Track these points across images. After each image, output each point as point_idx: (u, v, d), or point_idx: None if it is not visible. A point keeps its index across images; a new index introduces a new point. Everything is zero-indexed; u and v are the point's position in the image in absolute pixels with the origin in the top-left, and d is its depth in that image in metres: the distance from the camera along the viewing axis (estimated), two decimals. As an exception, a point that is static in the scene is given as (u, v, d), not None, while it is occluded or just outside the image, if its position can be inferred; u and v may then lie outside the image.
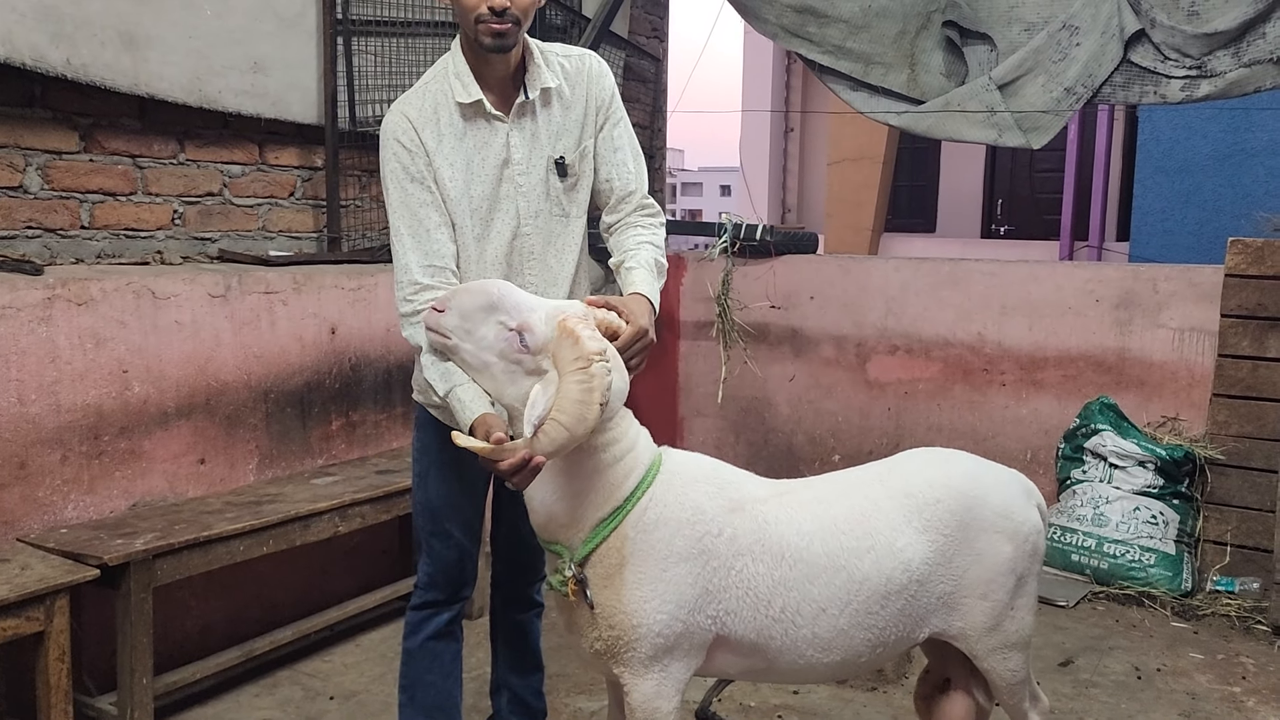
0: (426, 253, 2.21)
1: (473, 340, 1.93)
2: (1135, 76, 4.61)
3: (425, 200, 2.22)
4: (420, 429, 2.50)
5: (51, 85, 3.18)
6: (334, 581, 3.80)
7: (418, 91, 2.27)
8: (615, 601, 1.99)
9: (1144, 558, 4.23)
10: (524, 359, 1.92)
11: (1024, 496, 2.30)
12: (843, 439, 5.21)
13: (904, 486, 2.19)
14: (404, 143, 2.21)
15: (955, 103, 4.89)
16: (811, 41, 5.09)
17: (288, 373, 3.63)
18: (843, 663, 2.15)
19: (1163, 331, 4.49)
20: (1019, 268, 4.88)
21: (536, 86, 2.28)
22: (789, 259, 5.23)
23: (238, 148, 3.76)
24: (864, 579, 2.09)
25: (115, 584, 2.77)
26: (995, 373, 4.85)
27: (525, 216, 2.31)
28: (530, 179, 2.31)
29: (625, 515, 1.99)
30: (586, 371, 1.84)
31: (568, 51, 2.38)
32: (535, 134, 2.31)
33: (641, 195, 2.43)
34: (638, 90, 5.76)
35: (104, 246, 3.43)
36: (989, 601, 2.21)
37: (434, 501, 2.48)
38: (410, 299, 2.21)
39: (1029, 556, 2.26)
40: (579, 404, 1.84)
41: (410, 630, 2.56)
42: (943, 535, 2.16)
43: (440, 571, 2.51)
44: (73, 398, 3.01)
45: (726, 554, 2.03)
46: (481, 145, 2.27)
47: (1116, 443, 4.36)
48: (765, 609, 2.05)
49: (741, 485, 2.14)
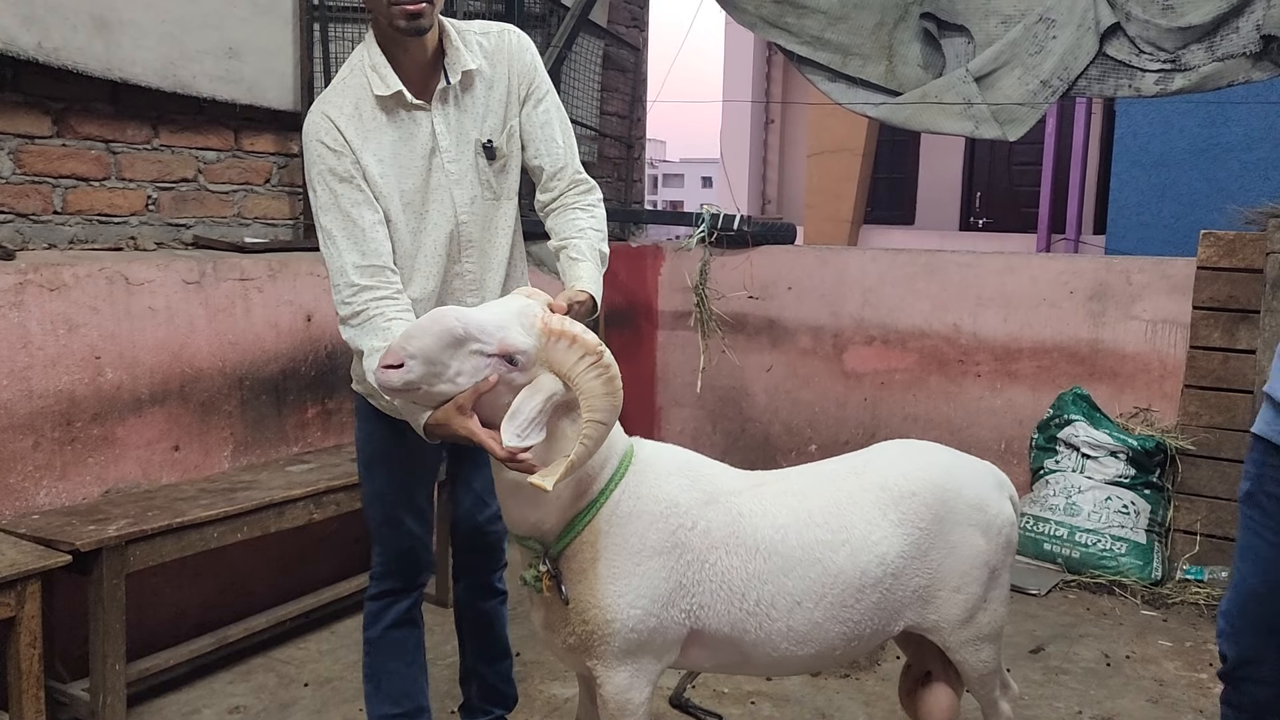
0: (364, 253, 2.13)
1: (446, 381, 1.83)
2: (1110, 70, 4.63)
3: (357, 199, 2.14)
4: (362, 420, 2.46)
5: (23, 69, 3.15)
6: (309, 569, 3.80)
7: (336, 88, 2.19)
8: (589, 596, 1.98)
9: (1115, 547, 4.27)
10: (515, 378, 1.84)
11: (997, 489, 2.32)
12: (819, 429, 5.24)
13: (879, 479, 2.19)
14: (328, 143, 2.13)
15: (933, 94, 4.90)
16: (789, 32, 5.09)
17: (263, 360, 3.62)
18: (817, 656, 2.15)
19: (1135, 323, 4.53)
20: (995, 259, 4.91)
21: (457, 70, 2.21)
22: (767, 249, 5.24)
23: (213, 133, 3.74)
24: (839, 572, 2.09)
25: (87, 570, 2.75)
26: (970, 364, 4.88)
27: (461, 205, 2.26)
28: (461, 165, 2.25)
29: (599, 509, 1.98)
30: (600, 364, 1.82)
31: (485, 28, 2.31)
32: (460, 119, 2.25)
33: (574, 171, 2.37)
34: (617, 80, 5.76)
35: (77, 232, 3.40)
36: (963, 594, 2.23)
37: (382, 491, 2.46)
38: (349, 301, 2.13)
39: (1002, 549, 2.28)
40: (608, 397, 1.83)
41: (370, 620, 2.54)
42: (918, 529, 2.16)
43: (394, 560, 2.50)
44: (45, 383, 2.99)
45: (701, 547, 2.02)
46: (407, 137, 2.20)
47: (1089, 433, 4.40)
48: (740, 602, 2.04)
49: (715, 477, 2.13)
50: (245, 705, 3.16)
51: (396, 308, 2.14)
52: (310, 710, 3.15)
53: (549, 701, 3.19)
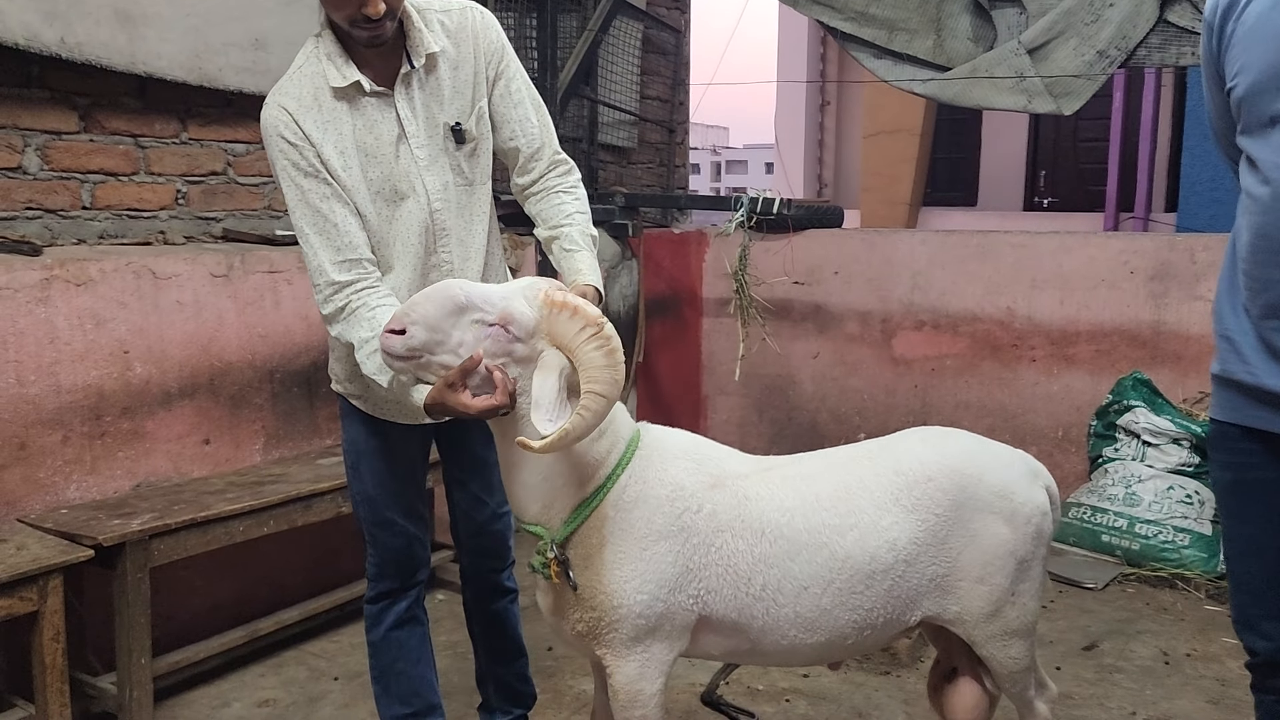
0: (338, 248, 2.09)
1: (447, 350, 1.84)
2: (1172, 37, 4.41)
3: (325, 194, 2.08)
4: (345, 420, 2.41)
5: (49, 65, 3.16)
6: (342, 561, 3.78)
7: (292, 78, 2.10)
8: (595, 582, 1.96)
9: (1177, 538, 4.08)
10: (516, 349, 1.84)
11: (1027, 477, 2.19)
12: (868, 417, 5.10)
13: (894, 464, 2.11)
14: (288, 137, 2.06)
15: (983, 69, 4.72)
16: (833, 8, 4.94)
17: (293, 352, 3.61)
18: (828, 644, 2.09)
19: (1200, 304, 4.31)
20: (1050, 239, 4.71)
21: (420, 54, 2.12)
22: (813, 234, 5.10)
23: (241, 126, 3.73)
24: (846, 556, 2.03)
25: (111, 564, 2.77)
26: (1025, 348, 4.70)
27: (434, 191, 2.19)
28: (430, 151, 2.17)
29: (605, 494, 1.95)
30: (601, 335, 1.81)
31: (446, 6, 2.21)
32: (426, 102, 2.16)
33: (553, 151, 2.30)
34: (657, 63, 5.65)
35: (106, 227, 3.42)
36: (986, 586, 2.12)
37: (371, 491, 2.40)
38: (330, 300, 2.11)
39: (1031, 539, 2.15)
40: (608, 369, 1.81)
41: (371, 623, 2.50)
42: (934, 515, 2.07)
43: (389, 561, 2.45)
44: (73, 378, 3.01)
45: (706, 530, 1.99)
46: (371, 125, 2.12)
47: (1150, 419, 4.20)
48: (746, 586, 2.01)
49: (722, 461, 2.09)
50: (275, 699, 3.16)
51: (378, 295, 2.11)
52: (339, 704, 3.13)
53: (578, 697, 3.13)
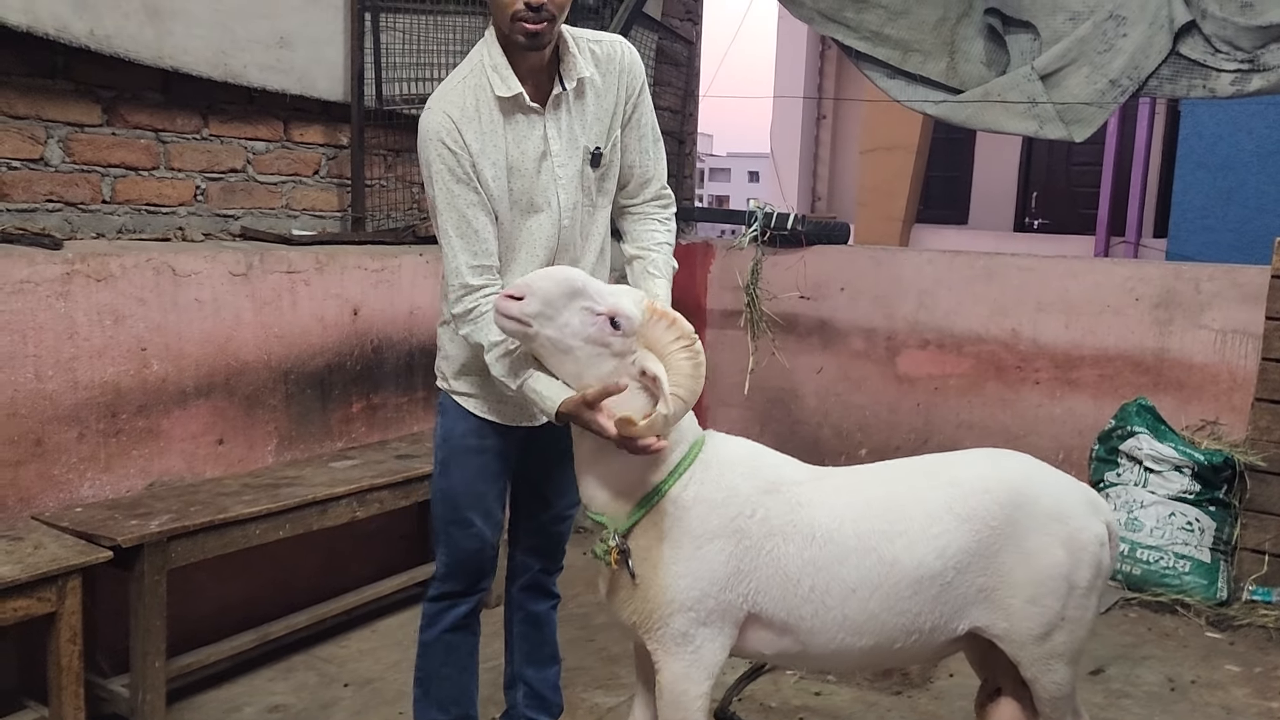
0: (475, 253, 2.19)
1: (554, 326, 1.98)
2: (1184, 69, 4.45)
3: (472, 200, 2.18)
4: (444, 415, 2.45)
5: (74, 57, 3.13)
6: (353, 566, 3.76)
7: (456, 87, 2.20)
8: (651, 575, 2.07)
9: (1178, 565, 4.11)
10: (614, 341, 1.99)
11: (1085, 505, 2.24)
12: (870, 433, 5.11)
13: (951, 476, 2.19)
14: (448, 144, 2.15)
15: (995, 93, 4.75)
16: (848, 27, 4.96)
17: (309, 354, 3.58)
18: (876, 648, 2.15)
19: (1204, 333, 4.36)
20: (1056, 264, 4.75)
21: (573, 78, 2.24)
22: (820, 249, 5.12)
23: (262, 124, 3.70)
24: (894, 561, 2.09)
25: (129, 566, 2.73)
26: (1029, 370, 4.73)
27: (565, 209, 2.29)
28: (568, 170, 2.28)
29: (666, 491, 2.06)
30: (693, 349, 1.99)
31: (598, 37, 2.32)
32: (571, 124, 2.27)
33: (660, 184, 2.44)
34: (670, 74, 5.66)
35: (125, 222, 3.38)
36: (1038, 607, 2.15)
37: (455, 489, 2.43)
38: (461, 300, 2.20)
39: (1089, 568, 2.19)
40: (692, 378, 1.99)
41: (427, 622, 2.52)
42: (988, 527, 2.13)
43: (459, 562, 2.46)
44: (90, 375, 2.97)
45: (759, 534, 2.08)
46: (521, 139, 2.22)
47: (1153, 446, 4.24)
48: (795, 588, 2.08)
49: (779, 468, 2.19)
50: (285, 704, 3.13)
51: None
52: (350, 711, 3.10)
53: (593, 710, 3.12)
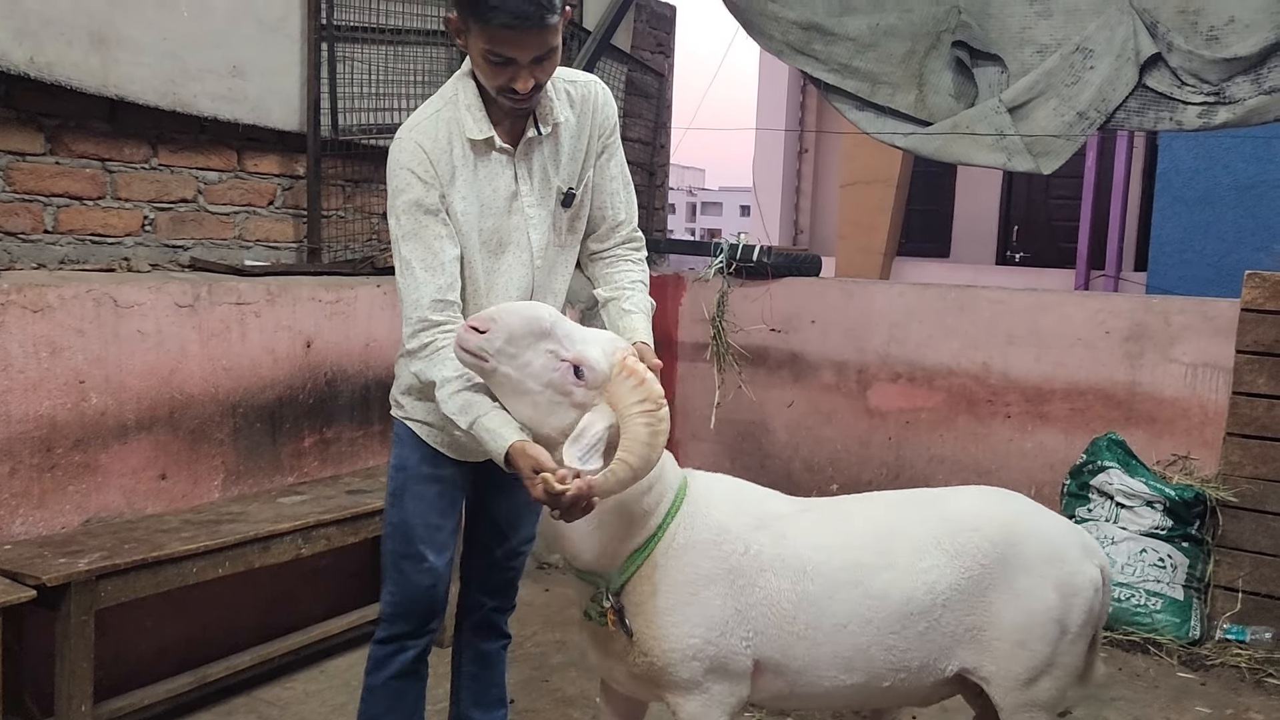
0: (439, 287, 2.12)
1: (515, 365, 1.89)
2: (1151, 102, 4.45)
3: (440, 233, 2.13)
4: (399, 445, 2.38)
5: (16, 84, 3.08)
6: (301, 604, 3.66)
7: (430, 119, 2.16)
8: (648, 628, 2.00)
9: (1150, 602, 4.03)
10: (575, 391, 1.89)
11: (1079, 549, 2.21)
12: (841, 468, 5.04)
13: (940, 511, 2.17)
14: (419, 174, 2.11)
15: (964, 125, 4.74)
16: (817, 59, 4.95)
17: (258, 386, 3.50)
18: (865, 686, 2.10)
19: (1175, 366, 4.31)
20: (1027, 296, 4.71)
21: (549, 123, 2.22)
22: (791, 282, 5.08)
23: (215, 154, 3.65)
24: (882, 595, 2.06)
25: (55, 605, 2.64)
26: (1000, 404, 4.68)
27: (537, 249, 2.26)
28: (540, 211, 2.25)
29: (657, 543, 2.01)
30: (655, 415, 1.86)
31: (573, 77, 2.30)
32: (544, 165, 2.24)
33: (631, 227, 2.41)
34: (640, 106, 5.64)
35: (68, 252, 3.31)
36: (1026, 650, 2.11)
37: (409, 520, 2.34)
38: (417, 334, 2.12)
39: (1081, 612, 2.16)
40: (647, 446, 1.85)
41: (374, 665, 2.42)
42: (978, 564, 2.09)
43: (409, 599, 2.37)
44: (24, 408, 2.89)
45: (751, 570, 2.03)
46: (492, 178, 2.19)
47: (1124, 481, 4.17)
48: (789, 625, 2.04)
49: (763, 502, 2.16)
50: (222, 749, 3.03)
51: None
52: (289, 757, 3.00)
53: (539, 755, 3.03)
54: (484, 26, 1.99)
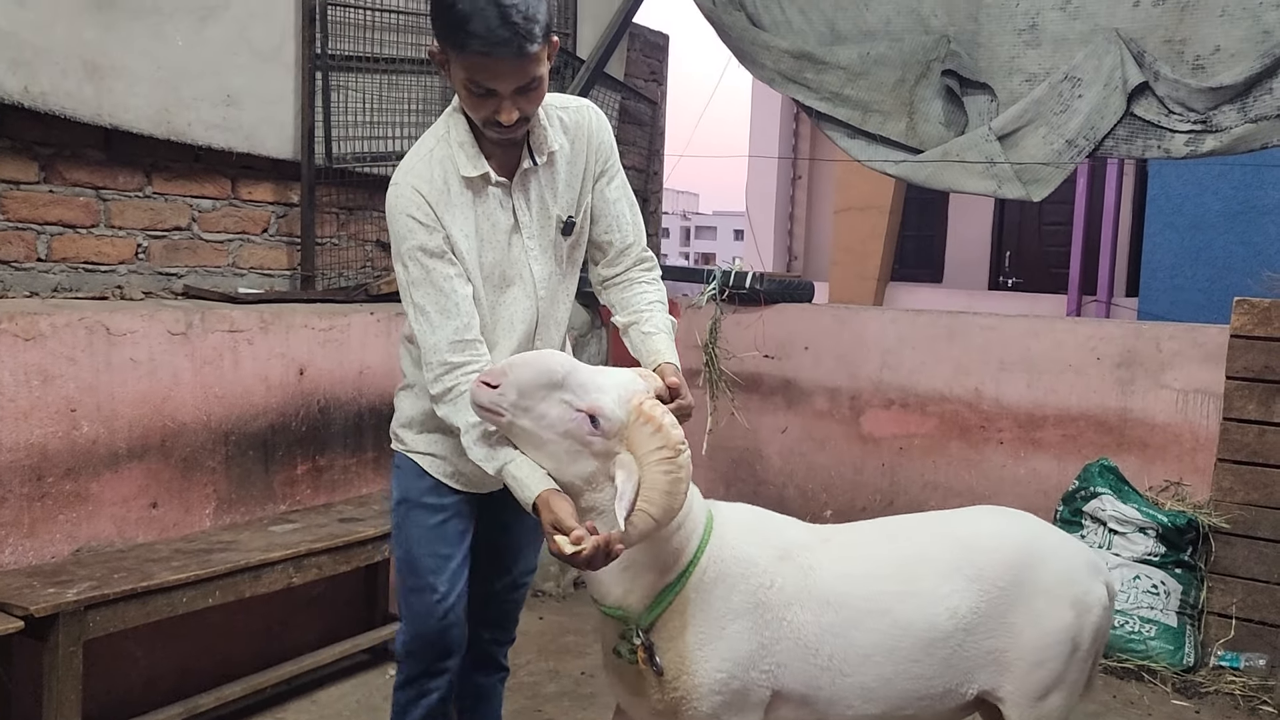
0: (456, 328, 2.08)
1: (531, 417, 1.86)
2: (1139, 130, 4.48)
3: (449, 273, 2.09)
4: (400, 477, 2.35)
5: (10, 113, 3.09)
6: (293, 633, 3.64)
7: (424, 160, 2.13)
8: (679, 663, 1.99)
9: (1144, 629, 4.03)
10: (593, 441, 1.86)
11: (1090, 568, 2.23)
12: (835, 494, 5.04)
13: (957, 534, 2.16)
14: (420, 219, 2.08)
15: (954, 152, 4.77)
16: (809, 88, 4.99)
17: (251, 414, 3.50)
18: (887, 715, 2.09)
19: (1166, 392, 4.32)
20: (1018, 323, 4.73)
21: (543, 152, 2.18)
22: (784, 308, 5.10)
23: (209, 182, 3.66)
24: (908, 624, 2.05)
25: (43, 636, 2.62)
26: (993, 430, 4.68)
27: (540, 280, 2.24)
28: (540, 241, 2.23)
29: (688, 579, 1.99)
30: (674, 462, 1.82)
31: (565, 103, 2.26)
32: (541, 195, 2.21)
33: (640, 248, 2.37)
34: (633, 133, 5.67)
35: (61, 280, 3.32)
36: (1044, 670, 2.12)
37: (415, 553, 2.31)
38: (440, 379, 2.08)
39: (1092, 630, 2.17)
40: (667, 495, 1.82)
41: (398, 711, 2.38)
42: (997, 587, 2.09)
43: (421, 635, 2.32)
44: (15, 437, 2.88)
45: (777, 604, 2.03)
46: (490, 212, 2.16)
47: (1116, 507, 4.18)
48: (814, 658, 2.03)
49: (785, 532, 2.15)
50: (211, 781, 3.00)
51: None
52: (279, 788, 2.98)
53: (531, 786, 3.00)
54: (461, 54, 1.96)
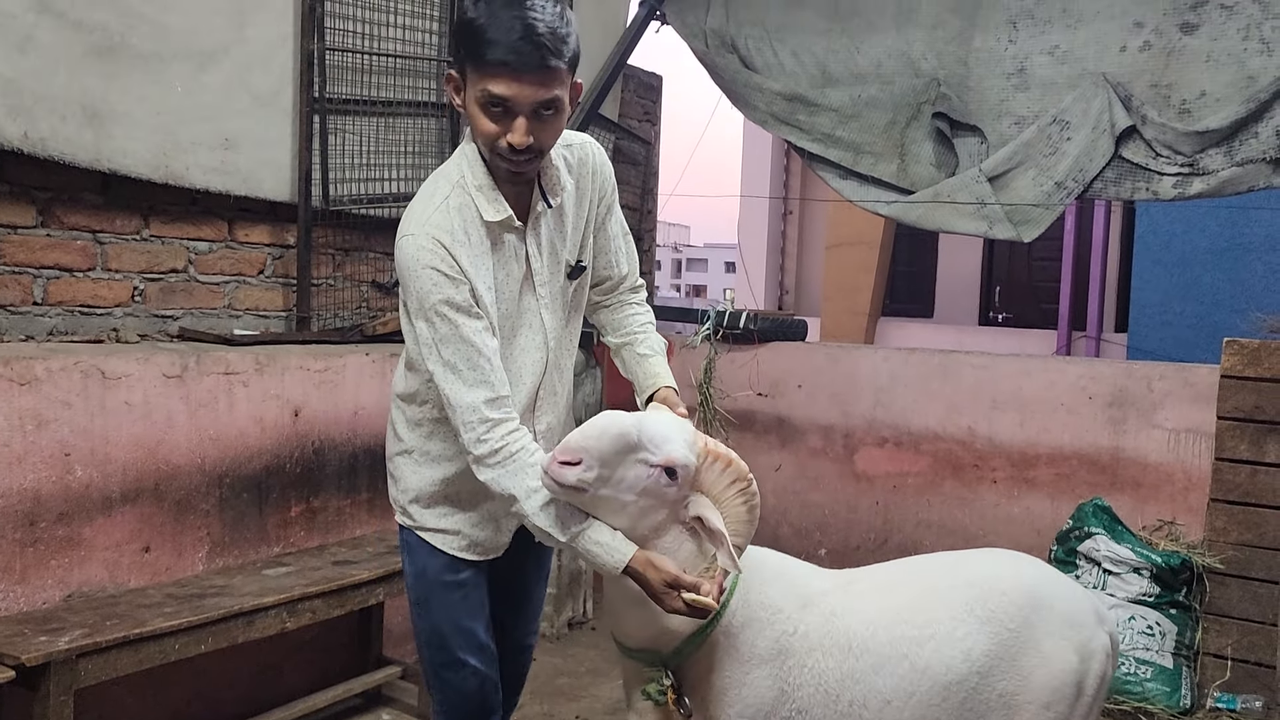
0: (492, 384, 1.98)
1: (612, 485, 1.88)
2: (1127, 172, 4.54)
3: (478, 328, 1.99)
4: (412, 554, 2.26)
5: (9, 159, 3.10)
6: (286, 677, 3.61)
7: (440, 209, 2.01)
8: (702, 706, 2.03)
9: (1140, 671, 4.02)
10: (669, 492, 1.90)
11: (1094, 615, 2.25)
12: (829, 533, 5.04)
13: (967, 576, 2.20)
14: (445, 271, 1.96)
15: (945, 194, 4.82)
16: (801, 129, 5.05)
17: (245, 456, 3.49)
18: None
19: (1158, 432, 4.34)
20: (1011, 361, 4.76)
21: (557, 193, 2.11)
22: (777, 346, 5.12)
23: (206, 224, 3.68)
24: (925, 668, 2.07)
25: (34, 686, 2.59)
26: (986, 469, 4.69)
27: (551, 330, 2.17)
28: (552, 289, 2.16)
29: (718, 623, 2.02)
30: (749, 491, 1.93)
31: (568, 141, 2.18)
32: (550, 239, 2.14)
33: (635, 278, 2.39)
34: (628, 173, 5.72)
35: (57, 323, 3.32)
36: (1051, 713, 2.13)
37: (442, 628, 2.22)
38: (485, 439, 1.98)
39: (1096, 677, 2.19)
40: (749, 523, 1.94)
41: None
42: (1007, 629, 2.12)
43: (459, 708, 2.25)
44: (8, 481, 2.87)
45: (801, 651, 2.06)
46: (506, 260, 2.08)
47: (1110, 547, 4.18)
48: (835, 704, 2.06)
49: (808, 578, 2.19)
50: (202, 830, 2.96)
51: (527, 438, 2.03)
52: (271, 838, 2.94)
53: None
54: (480, 66, 1.88)
